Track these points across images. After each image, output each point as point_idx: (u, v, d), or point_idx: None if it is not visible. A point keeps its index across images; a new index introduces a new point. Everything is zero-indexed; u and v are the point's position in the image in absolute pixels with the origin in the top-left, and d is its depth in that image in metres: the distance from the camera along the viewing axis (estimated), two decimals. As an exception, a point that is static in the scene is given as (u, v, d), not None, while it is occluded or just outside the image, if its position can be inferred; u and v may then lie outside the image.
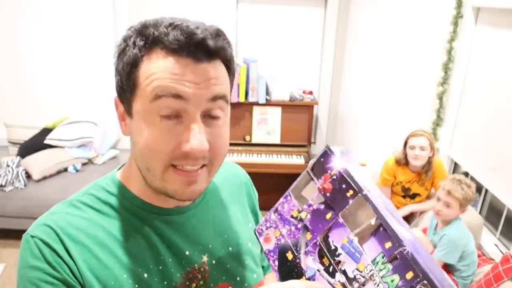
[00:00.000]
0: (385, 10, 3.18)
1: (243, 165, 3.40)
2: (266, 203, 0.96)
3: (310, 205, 0.64)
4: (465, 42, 2.40)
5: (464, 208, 2.14)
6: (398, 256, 0.54)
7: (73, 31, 3.57)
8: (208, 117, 0.63)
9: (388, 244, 0.55)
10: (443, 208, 2.13)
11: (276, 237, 0.67)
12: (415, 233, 2.38)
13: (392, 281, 0.53)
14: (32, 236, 0.63)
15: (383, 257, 0.55)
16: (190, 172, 0.63)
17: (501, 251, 2.26)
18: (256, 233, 0.71)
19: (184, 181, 0.63)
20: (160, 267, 0.67)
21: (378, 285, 0.55)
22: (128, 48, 0.61)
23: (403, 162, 2.61)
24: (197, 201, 0.75)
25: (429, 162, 2.52)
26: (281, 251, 0.66)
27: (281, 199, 0.68)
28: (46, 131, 3.44)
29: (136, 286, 0.65)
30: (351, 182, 0.60)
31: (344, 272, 0.59)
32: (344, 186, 0.61)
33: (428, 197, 2.71)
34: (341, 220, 0.60)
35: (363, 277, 0.56)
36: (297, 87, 3.74)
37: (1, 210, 2.96)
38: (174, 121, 0.60)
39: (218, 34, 0.61)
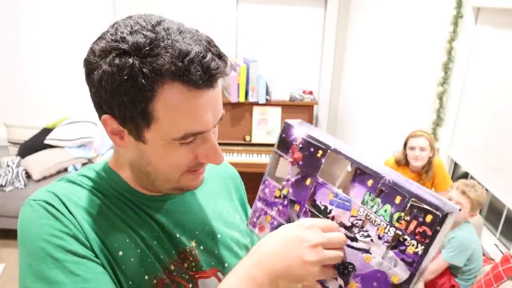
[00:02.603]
0: (385, 10, 3.18)
1: (243, 165, 3.37)
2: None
3: (288, 180, 0.68)
4: (465, 42, 2.40)
5: (474, 212, 2.13)
6: (382, 188, 0.57)
7: (73, 31, 3.57)
8: None
9: (370, 182, 0.58)
10: None
11: (269, 222, 0.70)
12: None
13: (385, 211, 0.56)
14: (34, 200, 0.63)
15: (370, 195, 0.58)
16: (200, 169, 0.69)
17: (501, 251, 2.26)
18: (250, 226, 0.73)
19: (196, 178, 0.69)
20: (155, 242, 0.70)
21: (374, 220, 0.57)
22: (132, 81, 0.56)
23: (403, 162, 2.61)
24: None
25: (429, 162, 2.52)
26: None
27: (260, 186, 0.71)
28: (46, 131, 3.44)
29: (138, 251, 0.67)
30: (317, 144, 0.64)
31: (342, 224, 0.61)
32: (312, 149, 0.64)
33: (428, 197, 2.71)
34: (320, 180, 0.64)
35: (359, 220, 0.59)
36: (297, 87, 3.74)
37: (1, 210, 2.97)
38: (190, 143, 0.64)
39: (221, 56, 0.61)
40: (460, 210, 0.54)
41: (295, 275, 0.57)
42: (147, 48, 0.56)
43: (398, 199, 0.55)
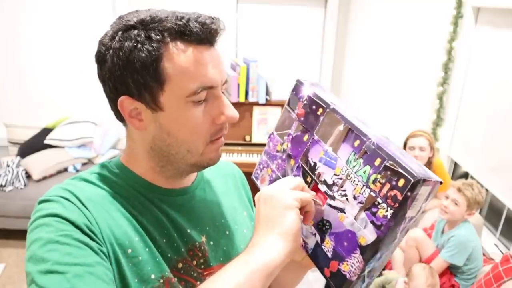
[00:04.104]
0: (385, 10, 3.18)
1: (243, 165, 3.38)
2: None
3: (289, 135, 0.70)
4: (465, 42, 2.40)
5: (471, 211, 2.13)
6: (366, 149, 0.58)
7: (73, 31, 3.57)
8: None
9: (357, 142, 0.59)
10: (450, 205, 2.13)
11: (269, 175, 0.73)
12: (416, 233, 2.38)
13: (364, 172, 0.57)
14: (49, 196, 0.64)
15: (354, 155, 0.59)
16: (221, 139, 0.71)
17: (501, 251, 2.26)
18: (254, 178, 0.76)
19: (217, 149, 0.71)
20: (164, 240, 0.70)
21: (353, 180, 0.58)
22: (140, 45, 0.62)
23: (403, 162, 2.61)
24: (194, 186, 0.79)
25: (429, 162, 2.52)
26: None
27: (267, 140, 0.74)
28: (46, 131, 3.44)
29: (147, 250, 0.67)
30: (319, 102, 0.66)
31: (324, 182, 0.63)
32: (314, 107, 0.67)
33: (428, 197, 2.71)
34: (316, 137, 0.65)
35: (340, 179, 0.60)
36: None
37: (1, 210, 2.96)
38: (203, 103, 0.67)
39: (213, 17, 0.67)
40: (441, 183, 0.55)
41: (272, 221, 0.59)
42: (148, 19, 0.63)
43: (377, 161, 0.56)
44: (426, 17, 2.67)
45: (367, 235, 0.56)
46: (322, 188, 0.63)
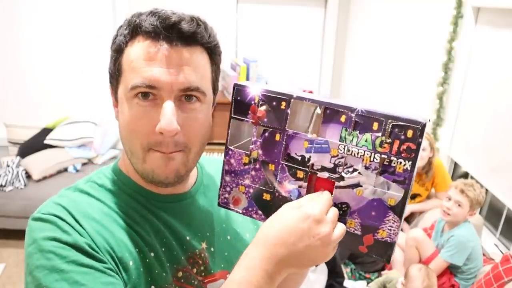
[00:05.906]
0: (385, 10, 3.18)
1: (243, 165, 3.35)
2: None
3: (255, 142, 0.64)
4: (465, 42, 2.40)
5: (472, 211, 2.13)
6: (357, 120, 0.57)
7: (73, 31, 3.57)
8: (184, 100, 0.64)
9: (343, 118, 0.58)
10: (454, 207, 2.12)
11: (243, 193, 0.66)
12: (416, 233, 2.38)
13: (366, 140, 0.57)
14: (42, 213, 0.62)
15: (346, 130, 0.58)
16: (167, 150, 0.64)
17: (501, 251, 2.26)
18: (222, 205, 0.69)
19: (162, 159, 0.64)
20: (163, 249, 0.68)
21: (357, 153, 0.57)
22: (116, 37, 0.65)
23: (403, 162, 2.61)
24: (192, 191, 0.76)
25: (429, 162, 2.52)
26: (257, 199, 0.66)
27: (224, 159, 0.67)
28: (46, 131, 3.44)
29: (147, 260, 0.65)
30: (278, 96, 0.61)
31: (323, 168, 0.60)
32: (274, 103, 0.61)
33: (428, 197, 2.71)
34: (290, 131, 0.61)
35: (342, 158, 0.59)
36: (297, 87, 3.74)
37: (1, 210, 2.96)
38: (149, 104, 0.62)
39: (193, 19, 0.63)
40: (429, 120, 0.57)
41: (307, 263, 0.57)
42: (136, 13, 0.64)
43: (375, 126, 0.56)
44: (426, 17, 2.67)
45: (395, 194, 0.57)
46: (324, 175, 0.60)
